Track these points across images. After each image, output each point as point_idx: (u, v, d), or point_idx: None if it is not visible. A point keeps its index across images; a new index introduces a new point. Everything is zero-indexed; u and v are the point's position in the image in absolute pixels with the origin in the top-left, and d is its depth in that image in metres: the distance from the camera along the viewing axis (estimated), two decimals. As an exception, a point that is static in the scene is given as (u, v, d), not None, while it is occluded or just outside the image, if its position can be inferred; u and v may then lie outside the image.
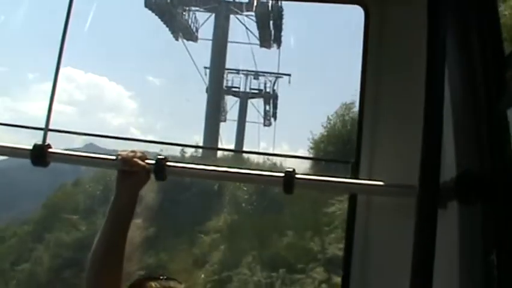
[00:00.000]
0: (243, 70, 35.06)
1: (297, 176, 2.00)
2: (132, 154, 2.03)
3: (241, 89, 35.43)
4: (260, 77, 35.63)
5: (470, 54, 1.58)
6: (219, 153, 24.64)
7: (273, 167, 18.41)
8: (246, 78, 35.54)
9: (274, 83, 35.59)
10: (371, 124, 2.20)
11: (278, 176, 2.04)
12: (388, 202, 2.08)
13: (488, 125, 1.47)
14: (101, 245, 1.92)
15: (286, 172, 2.00)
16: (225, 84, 34.37)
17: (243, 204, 21.13)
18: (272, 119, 35.82)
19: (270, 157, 23.00)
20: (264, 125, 36.31)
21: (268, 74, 35.35)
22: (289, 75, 34.56)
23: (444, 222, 1.55)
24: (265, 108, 36.41)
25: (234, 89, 35.28)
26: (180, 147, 22.76)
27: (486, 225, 1.39)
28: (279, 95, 35.42)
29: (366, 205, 2.16)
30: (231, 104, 36.20)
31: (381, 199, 2.11)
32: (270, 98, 35.52)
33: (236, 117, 35.83)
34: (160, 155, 2.07)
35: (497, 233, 1.35)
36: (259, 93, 35.78)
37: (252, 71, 35.21)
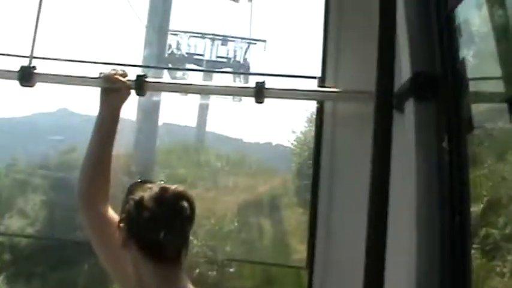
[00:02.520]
0: (208, 34, 30.61)
1: (266, 87, 2.16)
2: (113, 72, 2.16)
3: (206, 57, 26.95)
4: (229, 43, 27.63)
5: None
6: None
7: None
8: (212, 44, 26.96)
9: (246, 50, 31.40)
10: (335, 37, 2.30)
11: (250, 87, 2.20)
12: (352, 111, 2.22)
13: (439, 28, 1.58)
14: (88, 161, 2.06)
15: (257, 83, 2.17)
16: (186, 50, 27.12)
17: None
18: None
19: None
20: (234, 100, 30.98)
21: (240, 40, 31.19)
22: (263, 41, 30.31)
23: (402, 123, 1.69)
24: (234, 81, 30.05)
25: (196, 57, 26.81)
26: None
27: (439, 118, 1.53)
28: (250, 65, 30.88)
29: (332, 116, 2.29)
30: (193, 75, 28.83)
31: (345, 109, 2.25)
32: (241, 69, 31.00)
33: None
34: (140, 73, 2.21)
35: (448, 122, 1.49)
36: (227, 63, 27.22)
37: (219, 36, 27.29)
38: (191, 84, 2.29)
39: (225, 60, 27.16)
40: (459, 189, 1.47)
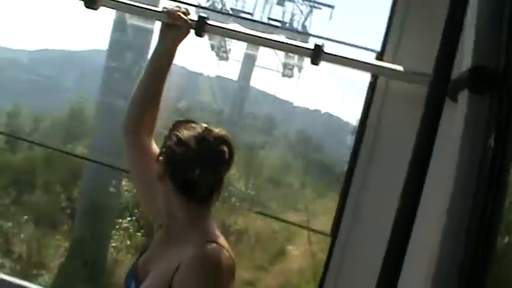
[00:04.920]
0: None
1: (325, 50, 2.20)
2: (177, 9, 2.22)
3: (255, 17, 22.98)
4: (286, 3, 23.58)
5: None
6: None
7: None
8: (265, 2, 23.16)
9: (307, 15, 23.64)
10: (402, 15, 2.28)
11: (308, 48, 2.24)
12: (404, 91, 2.22)
13: (510, 26, 1.54)
14: (138, 91, 2.15)
15: (316, 45, 2.21)
16: (231, 5, 23.17)
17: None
18: (295, 69, 23.53)
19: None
20: (283, 75, 24.07)
21: (301, 1, 23.42)
22: (331, 6, 23.09)
23: (454, 112, 1.67)
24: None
25: (243, 15, 22.63)
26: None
27: (491, 114, 1.52)
28: (311, 33, 23.89)
29: (384, 93, 2.29)
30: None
31: (398, 88, 2.25)
32: (297, 38, 20.50)
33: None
34: (202, 14, 2.26)
35: (499, 119, 1.48)
36: (281, 28, 23.25)
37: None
38: (250, 34, 2.33)
39: (278, 24, 22.71)
40: (496, 186, 1.48)
